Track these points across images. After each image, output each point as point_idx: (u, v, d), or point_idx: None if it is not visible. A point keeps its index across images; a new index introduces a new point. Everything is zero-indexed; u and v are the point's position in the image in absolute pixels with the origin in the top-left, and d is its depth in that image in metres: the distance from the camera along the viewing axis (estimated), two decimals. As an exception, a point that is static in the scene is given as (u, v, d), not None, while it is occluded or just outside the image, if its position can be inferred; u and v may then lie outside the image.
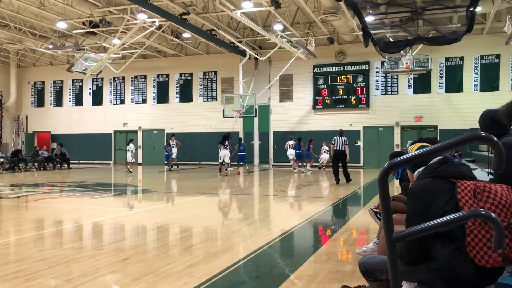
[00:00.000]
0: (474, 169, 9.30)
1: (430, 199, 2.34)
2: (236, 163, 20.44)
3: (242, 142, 20.56)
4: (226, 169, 19.31)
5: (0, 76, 30.01)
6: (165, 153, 21.94)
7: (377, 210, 5.14)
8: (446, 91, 22.99)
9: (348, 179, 15.07)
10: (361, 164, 24.16)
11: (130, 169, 21.03)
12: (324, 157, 21.37)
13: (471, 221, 2.22)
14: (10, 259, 5.37)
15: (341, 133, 15.50)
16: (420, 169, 2.61)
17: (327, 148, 20.44)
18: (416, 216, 2.36)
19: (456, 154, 13.59)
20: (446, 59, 22.90)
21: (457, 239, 2.26)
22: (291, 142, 21.05)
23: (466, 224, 2.23)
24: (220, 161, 19.17)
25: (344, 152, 14.84)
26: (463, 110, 22.18)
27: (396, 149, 22.56)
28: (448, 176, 2.40)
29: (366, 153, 24.26)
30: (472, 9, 10.25)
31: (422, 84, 23.26)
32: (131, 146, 20.79)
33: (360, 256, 3.99)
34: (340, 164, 14.99)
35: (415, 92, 23.49)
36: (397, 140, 23.71)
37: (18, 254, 5.65)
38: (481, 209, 2.08)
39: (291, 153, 21.01)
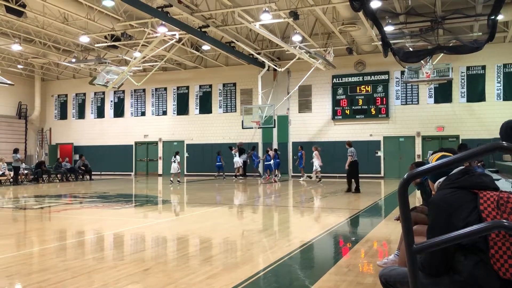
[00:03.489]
0: (497, 179, 9.13)
1: (451, 210, 2.31)
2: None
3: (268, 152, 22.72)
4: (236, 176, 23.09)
5: (25, 90, 30.76)
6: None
7: None
8: (468, 101, 22.65)
9: (358, 189, 15.42)
10: (382, 174, 23.90)
11: (178, 179, 21.25)
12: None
13: (495, 233, 2.18)
14: (34, 269, 5.47)
15: (351, 144, 16.01)
16: (441, 179, 2.57)
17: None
18: (437, 227, 2.33)
19: (478, 164, 13.34)
20: (468, 68, 22.60)
21: (480, 251, 2.22)
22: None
23: (490, 236, 2.19)
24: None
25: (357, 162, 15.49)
26: (485, 119, 21.81)
27: (417, 159, 22.27)
28: (470, 187, 2.36)
29: (386, 163, 24.00)
30: (493, 17, 10.10)
31: (443, 94, 22.97)
32: (178, 157, 21.00)
33: (381, 268, 3.95)
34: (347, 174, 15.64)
35: (436, 101, 23.21)
36: (418, 150, 23.41)
37: (42, 264, 5.74)
38: (504, 221, 2.04)
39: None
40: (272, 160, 22.30)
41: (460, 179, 2.40)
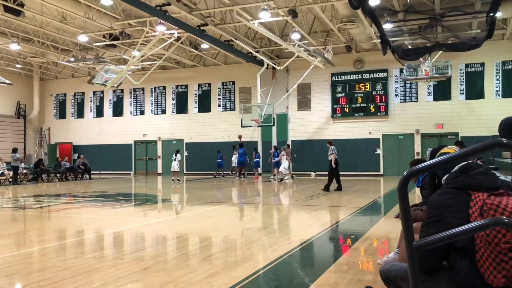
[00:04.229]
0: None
1: (443, 211, 2.30)
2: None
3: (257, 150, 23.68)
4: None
5: (24, 89, 30.73)
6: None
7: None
8: (467, 98, 22.67)
9: (328, 188, 15.48)
10: (381, 172, 23.93)
11: (178, 178, 21.23)
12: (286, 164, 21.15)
13: (479, 238, 2.16)
14: (33, 269, 5.46)
15: (331, 143, 16.06)
16: (445, 177, 2.54)
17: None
18: (430, 225, 2.32)
19: (478, 161, 13.34)
20: (466, 65, 22.61)
21: (471, 253, 2.22)
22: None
23: (476, 240, 2.19)
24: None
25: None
26: (484, 116, 21.83)
27: (416, 157, 22.28)
28: (463, 188, 2.31)
29: (386, 161, 24.03)
30: (492, 14, 10.09)
31: (442, 91, 22.98)
32: (178, 156, 21.01)
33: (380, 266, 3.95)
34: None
35: (435, 99, 23.22)
36: (417, 148, 23.43)
37: (42, 263, 5.74)
38: (504, 217, 2.04)
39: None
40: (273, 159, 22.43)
41: (457, 179, 2.37)
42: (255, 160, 23.71)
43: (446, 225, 2.21)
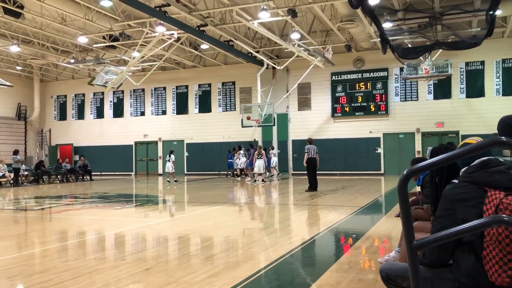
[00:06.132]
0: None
1: (456, 205, 2.29)
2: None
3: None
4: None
5: (24, 91, 30.74)
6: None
7: None
8: (467, 96, 22.66)
9: (316, 187, 15.50)
10: (382, 171, 23.92)
11: (174, 179, 21.14)
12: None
13: (489, 235, 2.16)
14: (35, 270, 5.47)
15: (311, 141, 15.96)
16: (463, 169, 2.51)
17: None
18: (441, 219, 2.33)
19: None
20: (466, 63, 22.60)
21: (477, 250, 2.22)
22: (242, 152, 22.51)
23: (485, 237, 2.18)
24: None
25: (316, 159, 15.43)
26: (485, 115, 21.80)
27: (417, 156, 22.27)
28: (480, 183, 2.28)
29: (386, 160, 24.02)
30: (492, 12, 10.08)
31: (442, 90, 22.97)
32: (172, 156, 20.97)
33: (382, 265, 3.95)
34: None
35: (435, 97, 23.21)
36: (418, 146, 23.42)
37: (43, 265, 5.74)
38: (504, 216, 2.04)
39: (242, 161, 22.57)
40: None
41: (474, 174, 2.33)
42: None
43: (457, 220, 2.22)
